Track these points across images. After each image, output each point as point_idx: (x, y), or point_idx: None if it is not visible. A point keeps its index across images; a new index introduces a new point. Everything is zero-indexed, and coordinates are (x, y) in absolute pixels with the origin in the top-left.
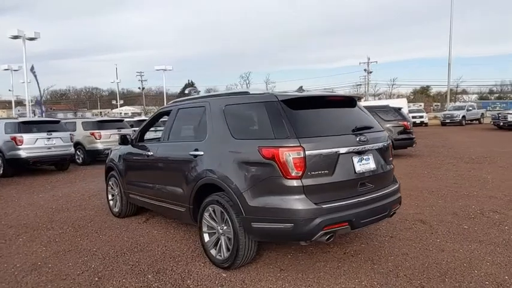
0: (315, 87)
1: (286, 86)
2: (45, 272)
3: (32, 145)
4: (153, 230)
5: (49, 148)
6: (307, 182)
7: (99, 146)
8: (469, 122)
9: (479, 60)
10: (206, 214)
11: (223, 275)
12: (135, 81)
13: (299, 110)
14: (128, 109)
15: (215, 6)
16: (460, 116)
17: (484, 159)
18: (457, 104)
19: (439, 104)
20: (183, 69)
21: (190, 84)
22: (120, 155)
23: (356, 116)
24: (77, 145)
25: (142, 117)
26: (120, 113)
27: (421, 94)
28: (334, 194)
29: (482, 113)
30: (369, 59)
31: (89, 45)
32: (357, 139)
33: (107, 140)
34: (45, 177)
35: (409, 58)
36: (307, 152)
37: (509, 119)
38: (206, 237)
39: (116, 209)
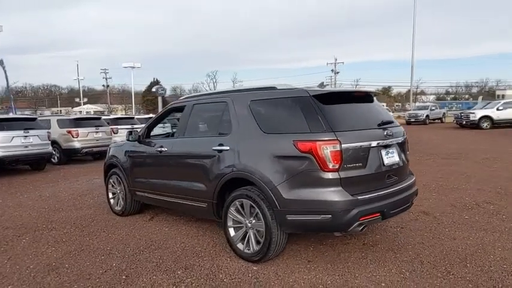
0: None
1: (253, 85)
2: (65, 272)
3: (7, 144)
4: (162, 227)
5: (26, 147)
6: (343, 174)
7: (77, 144)
8: (432, 121)
9: (436, 63)
10: (232, 209)
11: (254, 268)
12: (97, 79)
13: (329, 105)
14: (90, 107)
15: (180, 4)
16: (424, 116)
17: (459, 155)
18: (421, 104)
19: (399, 104)
20: (147, 67)
21: (156, 83)
22: (125, 152)
23: (377, 111)
24: (53, 144)
25: (119, 115)
26: (81, 111)
27: (383, 95)
28: (367, 185)
29: (444, 113)
30: (335, 59)
31: (45, 40)
32: (384, 133)
33: (84, 138)
34: (22, 178)
35: (373, 59)
36: (343, 145)
37: (471, 118)
38: (232, 232)
39: (118, 207)
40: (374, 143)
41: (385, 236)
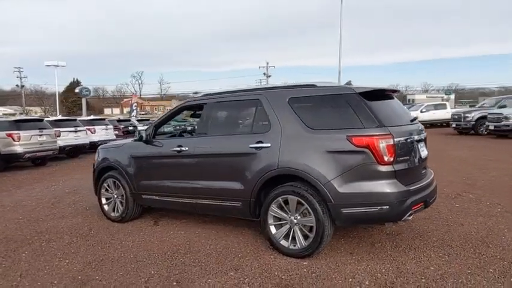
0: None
1: (182, 87)
2: (101, 285)
3: None
4: (176, 231)
5: None
6: (397, 166)
7: (18, 149)
8: None
9: (363, 68)
10: (274, 206)
11: (304, 263)
12: (8, 78)
13: (372, 101)
14: None
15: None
16: None
17: None
18: None
19: None
20: (67, 67)
21: (76, 83)
22: (127, 153)
23: (402, 107)
24: None
25: (59, 117)
26: None
27: None
28: (412, 177)
29: None
30: (267, 63)
31: None
32: (418, 128)
33: (27, 142)
34: None
35: (302, 64)
36: (395, 139)
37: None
38: (273, 230)
39: (115, 213)
40: (415, 137)
41: (400, 226)
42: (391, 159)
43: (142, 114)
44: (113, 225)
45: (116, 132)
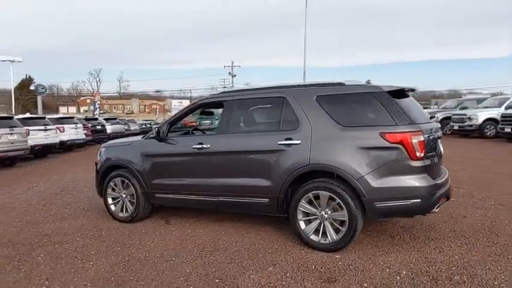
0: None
1: (142, 85)
2: (139, 285)
3: None
4: (193, 229)
5: None
6: (426, 162)
7: None
8: None
9: (324, 70)
10: (304, 201)
11: (337, 256)
12: None
13: (399, 100)
14: None
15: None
16: None
17: None
18: None
19: None
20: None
21: (28, 80)
22: (140, 151)
23: (419, 106)
24: None
25: (27, 115)
26: None
27: None
28: (436, 172)
29: None
30: (232, 62)
31: None
32: (437, 126)
33: None
34: None
35: (267, 65)
36: (425, 136)
37: None
38: (302, 225)
39: (124, 214)
40: (439, 134)
41: (410, 219)
42: (422, 154)
43: (101, 113)
44: (122, 226)
45: (85, 131)
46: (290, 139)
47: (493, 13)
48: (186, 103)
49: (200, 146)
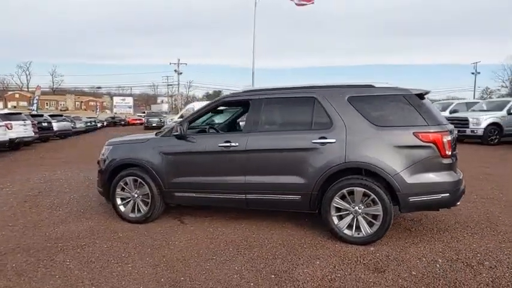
0: (110, 83)
1: (77, 81)
2: (192, 285)
3: None
4: (216, 228)
5: None
6: (453, 159)
7: None
8: None
9: (269, 71)
10: (337, 197)
11: (371, 249)
12: None
13: (424, 101)
14: None
15: None
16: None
17: None
18: None
19: None
20: None
21: None
22: (157, 150)
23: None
24: None
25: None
26: None
27: (215, 97)
28: (457, 168)
29: None
30: (179, 60)
31: None
32: (453, 127)
33: None
34: None
35: (210, 63)
36: (451, 135)
37: None
38: (335, 220)
39: (136, 214)
40: (456, 134)
41: (415, 214)
42: (450, 152)
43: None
44: (136, 227)
45: (32, 128)
46: (324, 138)
47: (424, 23)
48: (128, 100)
49: (228, 144)
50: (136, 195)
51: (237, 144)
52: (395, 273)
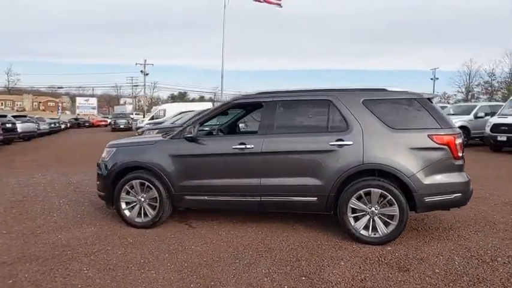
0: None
1: (35, 79)
2: None
3: None
4: (228, 231)
5: None
6: (463, 161)
7: None
8: None
9: (237, 73)
10: (354, 198)
11: (388, 248)
12: None
13: (433, 105)
14: None
15: None
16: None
17: None
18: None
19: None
20: None
21: None
22: (166, 152)
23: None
24: None
25: None
26: None
27: (180, 99)
28: (464, 170)
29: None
30: (145, 60)
31: None
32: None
33: None
34: None
35: (181, 64)
36: (461, 138)
37: None
38: (352, 221)
39: (142, 219)
40: (463, 137)
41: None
42: (461, 154)
43: None
44: (144, 232)
45: None
46: (341, 140)
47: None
48: (92, 101)
49: (243, 146)
50: (142, 199)
51: (252, 146)
52: (420, 272)
